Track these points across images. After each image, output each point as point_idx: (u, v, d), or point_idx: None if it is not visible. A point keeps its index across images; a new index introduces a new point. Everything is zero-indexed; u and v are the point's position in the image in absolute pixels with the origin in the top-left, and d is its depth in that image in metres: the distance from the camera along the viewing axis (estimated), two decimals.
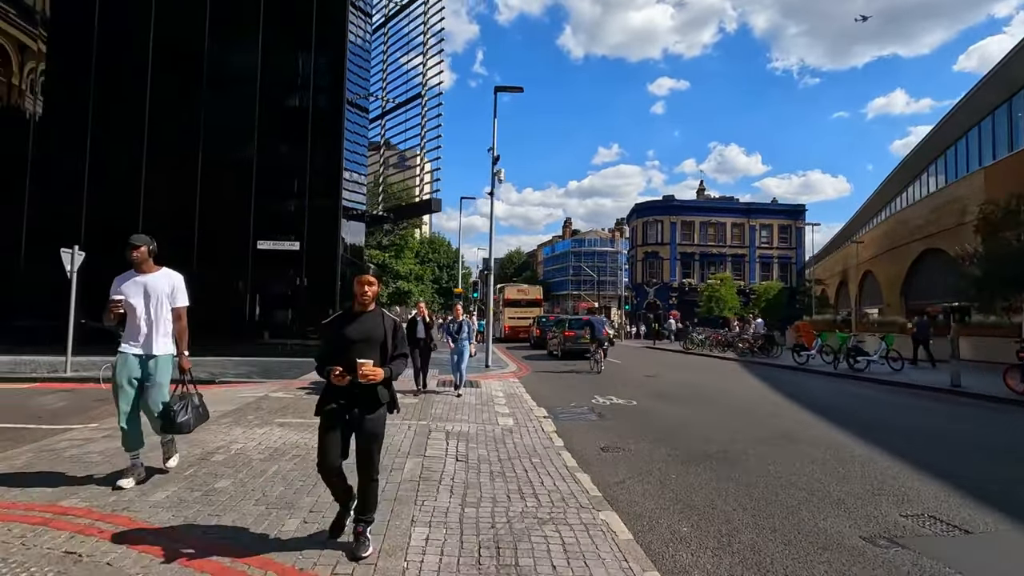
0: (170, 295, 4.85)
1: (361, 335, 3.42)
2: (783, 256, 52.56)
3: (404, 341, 3.61)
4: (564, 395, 11.26)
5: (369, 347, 3.40)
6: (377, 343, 3.44)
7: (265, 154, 16.96)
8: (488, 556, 3.47)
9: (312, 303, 16.69)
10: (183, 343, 4.93)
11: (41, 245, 15.62)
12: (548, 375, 15.45)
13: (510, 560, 3.42)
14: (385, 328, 3.49)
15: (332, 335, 3.45)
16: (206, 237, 16.51)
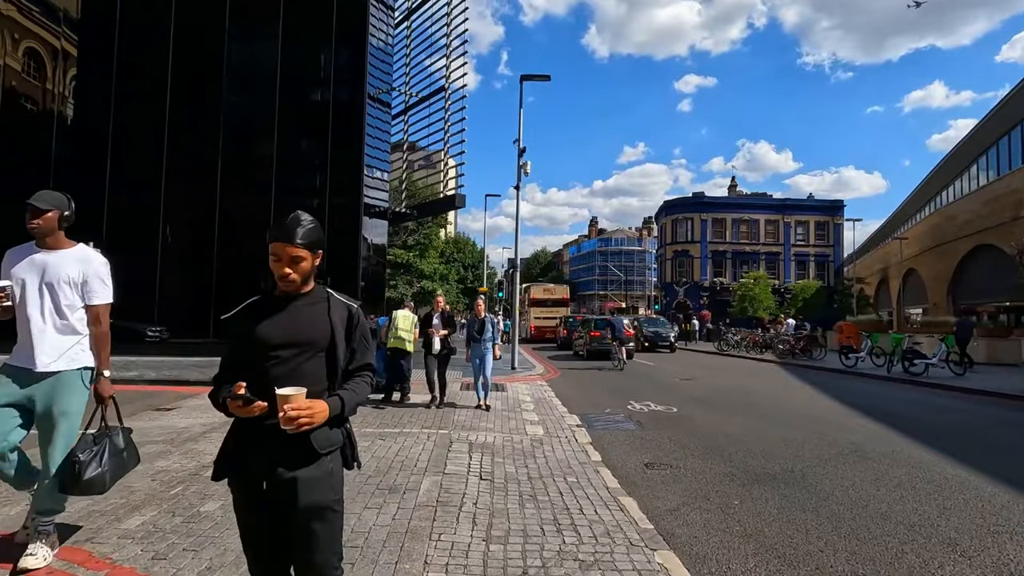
0: (79, 284, 3.16)
1: (286, 336, 1.89)
2: (820, 254, 50.51)
3: (368, 343, 2.05)
4: (597, 400, 10.44)
5: (301, 358, 1.89)
6: (316, 349, 1.91)
7: (285, 149, 16.56)
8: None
9: None
10: (103, 357, 3.25)
11: None
12: (577, 377, 14.63)
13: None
14: (333, 323, 1.94)
15: (237, 337, 1.93)
16: (227, 233, 16.17)
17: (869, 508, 4.49)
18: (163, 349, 15.53)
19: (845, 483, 5.17)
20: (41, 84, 16.09)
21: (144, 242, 15.90)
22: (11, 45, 15.10)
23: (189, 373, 11.92)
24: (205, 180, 15.83)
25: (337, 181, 16.66)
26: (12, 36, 15.26)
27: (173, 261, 15.47)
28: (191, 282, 15.90)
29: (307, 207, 16.95)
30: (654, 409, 9.35)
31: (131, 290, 16.15)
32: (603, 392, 11.66)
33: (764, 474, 5.48)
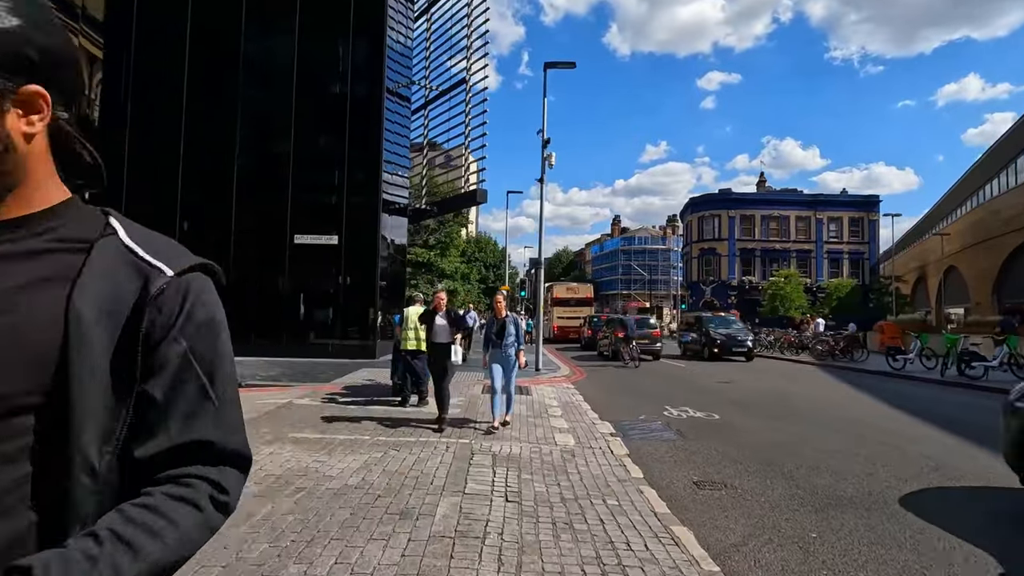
0: None
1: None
2: (854, 251, 48.63)
3: (218, 383, 0.75)
4: (629, 404, 9.68)
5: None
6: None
7: (302, 144, 16.12)
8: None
9: (351, 301, 15.70)
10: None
11: None
12: (604, 379, 13.86)
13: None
14: (75, 317, 0.64)
15: None
16: (243, 231, 15.80)
17: (987, 550, 3.68)
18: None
19: (940, 514, 4.35)
20: None
21: None
22: None
23: None
24: (222, 177, 15.49)
25: (355, 178, 16.16)
26: None
27: None
28: None
29: (325, 203, 16.53)
30: (693, 416, 8.55)
31: None
32: (635, 396, 10.89)
33: (837, 497, 4.68)
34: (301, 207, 15.93)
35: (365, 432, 6.56)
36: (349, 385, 10.62)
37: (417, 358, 8.57)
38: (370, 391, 9.90)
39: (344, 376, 11.81)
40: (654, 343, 20.40)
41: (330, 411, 7.88)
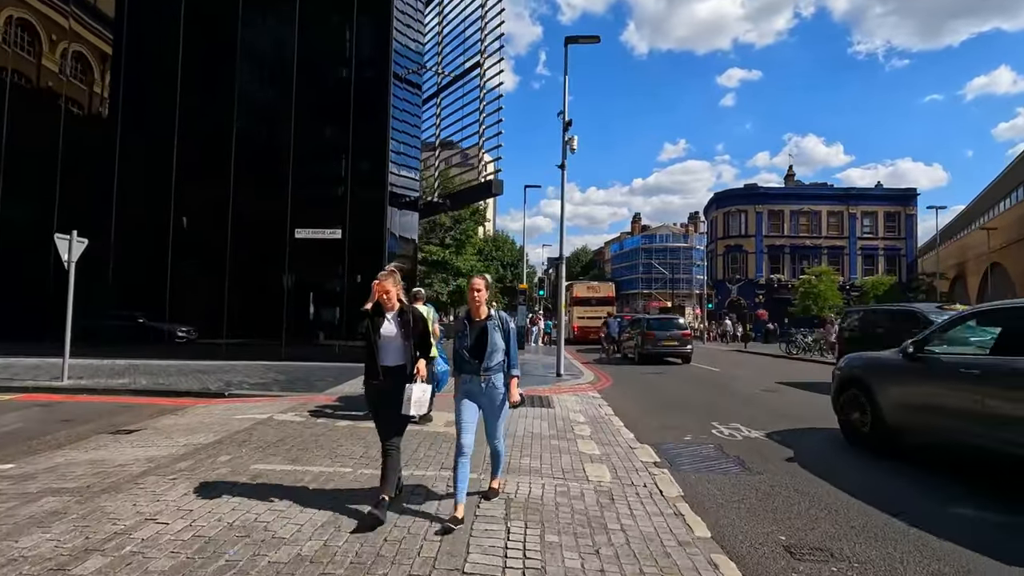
0: None
1: None
2: (890, 247, 46.23)
3: None
4: (668, 420, 8.26)
5: None
6: None
7: (303, 134, 14.98)
8: None
9: (357, 299, 14.47)
10: None
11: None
12: (634, 386, 12.43)
13: None
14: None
15: None
16: (240, 226, 14.71)
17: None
18: (188, 350, 14.23)
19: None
20: (37, 62, 15.03)
21: (154, 237, 14.59)
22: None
23: (186, 381, 10.36)
24: (218, 171, 14.46)
25: (360, 169, 14.98)
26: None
27: (185, 257, 14.06)
28: (204, 279, 14.47)
29: (327, 195, 15.35)
30: (749, 436, 7.10)
31: (140, 287, 14.90)
32: (672, 407, 9.45)
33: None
34: (302, 200, 14.78)
35: (348, 462, 5.27)
36: (347, 395, 9.36)
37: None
38: (364, 402, 8.61)
39: (344, 383, 10.58)
40: (684, 345, 18.86)
41: (314, 431, 6.60)
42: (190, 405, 8.46)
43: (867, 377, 6.33)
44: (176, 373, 11.65)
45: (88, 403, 8.55)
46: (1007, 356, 4.79)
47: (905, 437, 5.85)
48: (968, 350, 5.66)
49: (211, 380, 10.50)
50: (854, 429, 6.48)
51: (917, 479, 5.25)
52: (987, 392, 4.79)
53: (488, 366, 3.99)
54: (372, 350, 3.86)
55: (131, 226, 14.83)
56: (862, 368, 6.54)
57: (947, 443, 5.43)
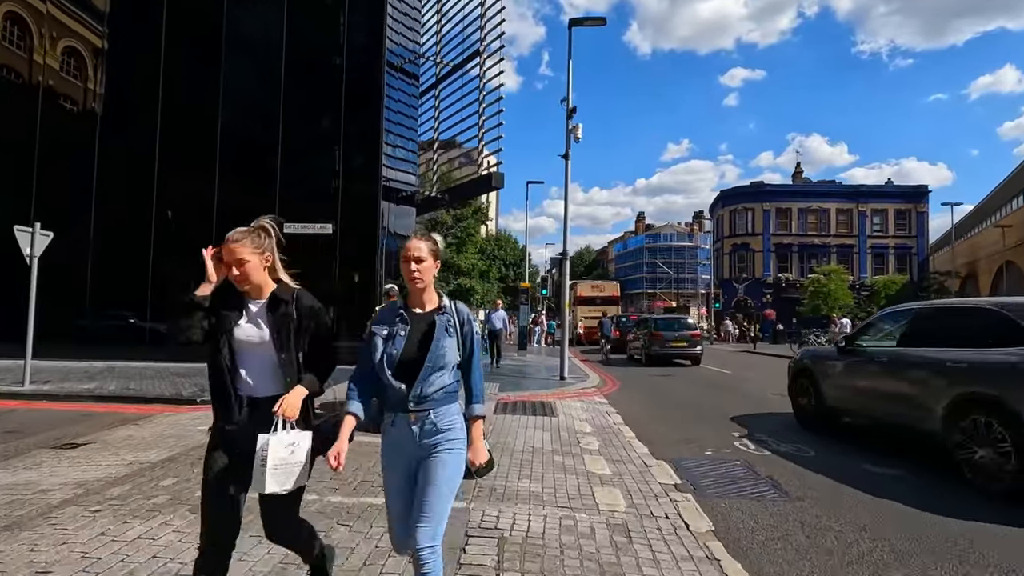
0: None
1: None
2: (901, 246, 45.23)
3: None
4: (682, 427, 7.46)
5: None
6: None
7: (292, 124, 14.23)
8: None
9: (350, 298, 13.71)
10: None
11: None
12: (642, 390, 11.63)
13: None
14: None
15: None
16: (226, 220, 13.91)
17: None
18: (171, 351, 13.51)
19: None
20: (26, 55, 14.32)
21: (136, 233, 13.87)
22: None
23: (160, 386, 9.59)
24: (203, 164, 13.72)
25: (353, 162, 14.22)
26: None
27: (167, 253, 13.33)
28: (188, 276, 13.66)
29: (317, 190, 14.57)
30: (778, 450, 6.29)
31: (120, 284, 14.15)
32: (685, 414, 8.64)
33: None
34: (291, 193, 14.02)
35: (314, 487, 4.48)
36: (330, 402, 8.59)
37: None
38: None
39: (328, 388, 9.79)
40: (693, 346, 18.03)
41: None
42: (157, 413, 7.69)
43: (812, 367, 7.49)
44: (153, 376, 10.89)
45: (45, 411, 7.79)
46: (906, 347, 5.97)
47: (840, 417, 6.99)
48: (884, 343, 6.53)
49: (187, 384, 9.74)
50: (803, 412, 7.63)
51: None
52: (884, 375, 6.09)
53: (424, 394, 2.18)
54: (220, 368, 2.23)
55: (111, 221, 14.10)
56: (810, 360, 7.77)
57: (866, 420, 6.54)
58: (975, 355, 5.09)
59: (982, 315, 5.43)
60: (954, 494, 4.68)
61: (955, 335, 5.47)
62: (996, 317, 5.15)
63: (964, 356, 5.17)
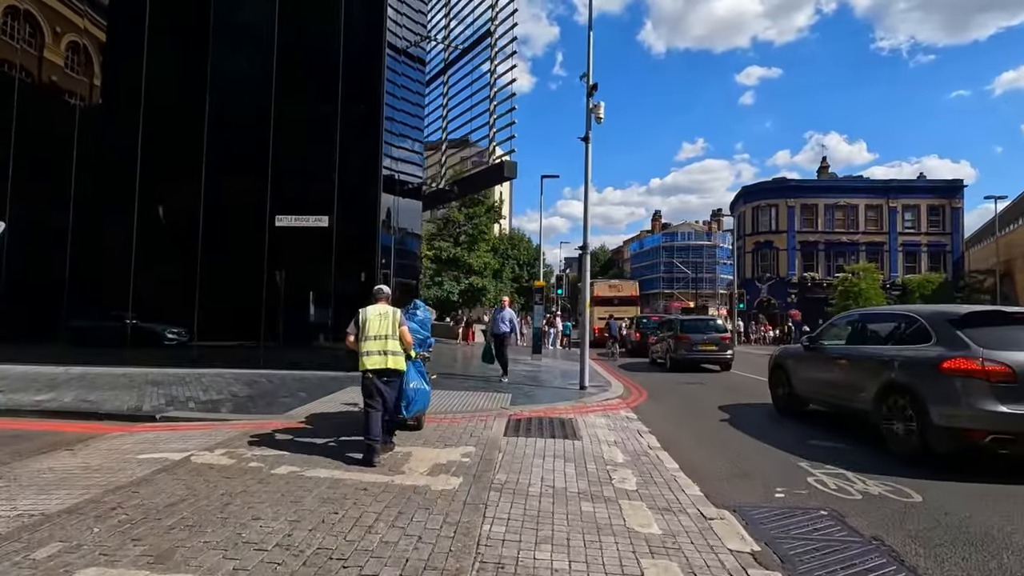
0: None
1: None
2: (934, 243, 43.05)
3: None
4: (737, 456, 6.06)
5: None
6: None
7: (284, 112, 13.02)
8: None
9: (347, 298, 12.45)
10: None
11: (22, 230, 12.64)
12: (674, 401, 10.22)
13: None
14: None
15: None
16: (213, 212, 12.81)
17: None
18: (156, 356, 12.45)
19: None
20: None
21: (116, 227, 12.79)
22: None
23: (121, 398, 8.39)
24: (188, 152, 12.61)
25: (350, 150, 13.09)
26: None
27: (152, 249, 12.23)
28: (172, 274, 12.61)
29: (312, 182, 13.38)
30: (868, 489, 4.88)
31: (101, 281, 13.07)
32: (733, 435, 7.23)
33: None
34: (284, 184, 12.81)
35: (250, 556, 3.17)
36: (314, 415, 7.32)
37: (385, 382, 5.42)
38: (332, 429, 6.55)
39: (315, 400, 8.54)
40: (723, 350, 16.55)
41: (232, 485, 4.52)
42: (104, 433, 6.48)
43: (785, 362, 8.76)
44: (125, 385, 9.73)
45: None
46: (849, 345, 7.37)
47: (806, 403, 8.28)
48: (838, 342, 7.75)
49: (154, 396, 8.55)
50: (779, 401, 8.88)
51: None
52: (835, 367, 7.34)
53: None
54: None
55: (92, 216, 13.02)
56: (784, 356, 8.99)
57: (823, 404, 7.87)
58: (896, 351, 6.33)
59: (905, 320, 6.62)
60: None
61: (886, 335, 6.81)
62: (913, 321, 6.39)
63: (888, 351, 6.43)
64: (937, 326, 5.98)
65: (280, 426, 6.78)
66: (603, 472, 5.24)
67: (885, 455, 6.00)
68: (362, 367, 5.33)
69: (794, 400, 8.44)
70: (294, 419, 7.14)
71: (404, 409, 5.91)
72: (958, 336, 5.69)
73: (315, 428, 6.67)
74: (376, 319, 5.41)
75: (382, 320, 5.42)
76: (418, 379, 6.21)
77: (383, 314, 5.47)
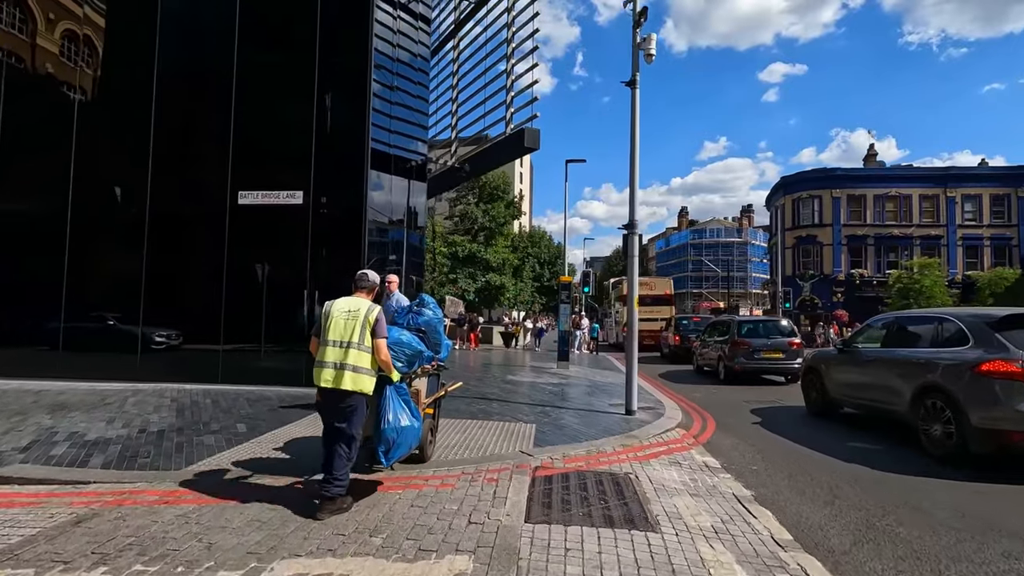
0: None
1: None
2: (998, 236, 39.06)
3: None
4: (930, 555, 3.29)
5: None
6: None
7: (250, 67, 10.46)
8: None
9: (327, 289, 9.83)
10: None
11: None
12: (758, 433, 7.35)
13: None
14: None
15: None
16: (162, 186, 10.33)
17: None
18: (168, 360, 10.07)
19: None
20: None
21: (44, 206, 10.44)
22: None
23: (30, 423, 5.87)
24: (133, 112, 10.09)
25: (330, 113, 10.63)
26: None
27: (85, 231, 9.80)
28: (113, 268, 10.18)
29: (283, 151, 10.67)
30: None
31: (26, 278, 10.70)
32: (890, 501, 4.39)
33: None
34: (249, 153, 10.28)
35: None
36: (218, 481, 4.68)
37: (343, 409, 3.97)
38: (239, 515, 3.91)
39: (254, 439, 5.93)
40: (792, 358, 13.56)
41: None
42: None
43: (818, 366, 8.85)
44: (13, 414, 7.25)
45: None
46: (888, 348, 7.38)
47: (840, 406, 8.34)
48: (873, 345, 7.88)
49: (23, 431, 6.01)
50: (813, 404, 8.91)
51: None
52: (870, 370, 7.48)
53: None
54: None
55: (11, 190, 10.68)
56: (818, 359, 9.13)
57: (857, 407, 7.95)
58: (933, 353, 6.40)
59: (942, 322, 6.59)
60: None
61: (921, 338, 6.84)
62: (950, 323, 6.42)
63: (924, 354, 6.54)
64: (975, 329, 6.04)
65: (155, 499, 4.16)
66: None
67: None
68: (316, 382, 3.97)
69: (827, 403, 8.48)
70: (188, 485, 4.49)
71: (382, 456, 4.12)
72: (996, 338, 5.77)
73: (212, 511, 4.02)
74: (341, 317, 4.01)
75: (348, 320, 4.00)
76: (401, 412, 4.21)
77: (352, 312, 4.04)
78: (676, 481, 5.10)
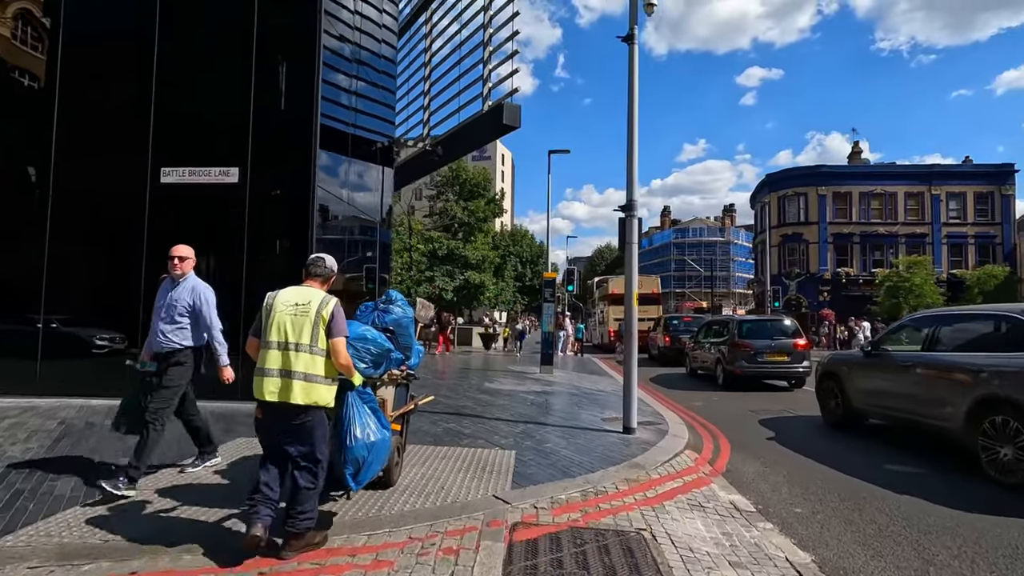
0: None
1: None
2: (982, 234, 38.78)
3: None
4: None
5: None
6: None
7: (174, 18, 8.82)
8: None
9: (264, 282, 8.24)
10: None
11: None
12: (781, 454, 5.99)
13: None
14: None
15: None
16: (68, 163, 8.64)
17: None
18: (108, 366, 8.30)
19: None
20: None
21: None
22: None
23: None
24: (34, 76, 8.42)
25: (271, 81, 8.93)
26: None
27: None
28: (10, 259, 8.47)
29: (215, 122, 8.55)
30: None
31: None
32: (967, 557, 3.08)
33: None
34: (172, 125, 8.64)
35: None
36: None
37: (300, 424, 3.11)
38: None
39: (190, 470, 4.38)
40: (798, 361, 12.38)
41: None
42: None
43: (838, 371, 7.86)
44: None
45: None
46: (932, 352, 6.26)
47: (864, 417, 7.46)
48: (910, 348, 6.87)
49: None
50: (831, 414, 7.96)
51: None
52: (908, 377, 6.37)
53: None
54: None
55: None
56: (837, 363, 8.10)
57: (887, 419, 7.07)
58: (991, 359, 5.42)
59: (999, 322, 5.75)
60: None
61: (975, 340, 5.89)
62: (1011, 323, 5.52)
63: (979, 359, 5.52)
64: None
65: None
66: None
67: None
68: (257, 394, 3.08)
69: (848, 413, 7.61)
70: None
71: (350, 479, 3.32)
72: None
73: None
74: (286, 313, 3.13)
75: (296, 316, 3.12)
76: (370, 424, 3.40)
77: (301, 306, 3.15)
78: (705, 538, 3.71)
